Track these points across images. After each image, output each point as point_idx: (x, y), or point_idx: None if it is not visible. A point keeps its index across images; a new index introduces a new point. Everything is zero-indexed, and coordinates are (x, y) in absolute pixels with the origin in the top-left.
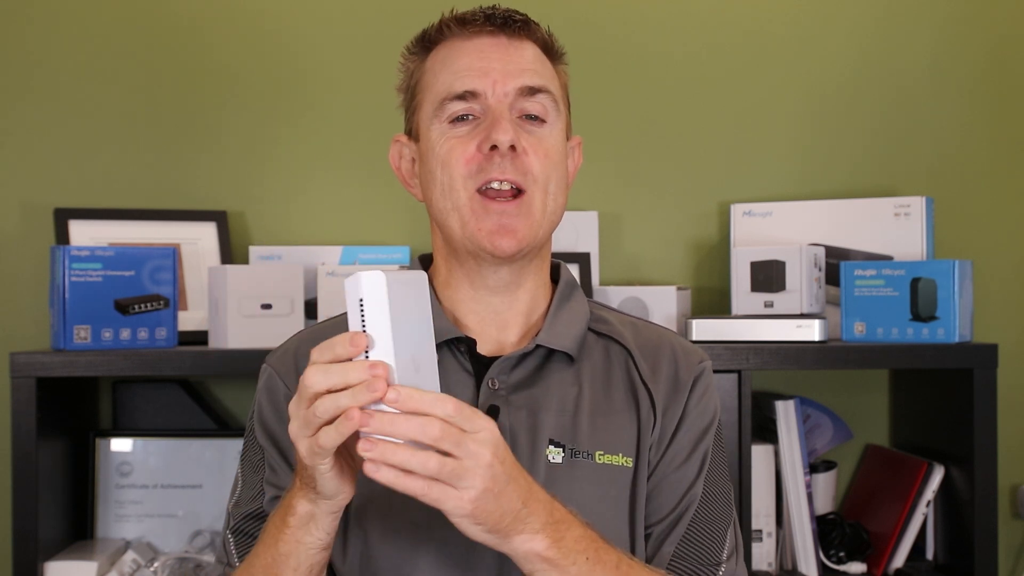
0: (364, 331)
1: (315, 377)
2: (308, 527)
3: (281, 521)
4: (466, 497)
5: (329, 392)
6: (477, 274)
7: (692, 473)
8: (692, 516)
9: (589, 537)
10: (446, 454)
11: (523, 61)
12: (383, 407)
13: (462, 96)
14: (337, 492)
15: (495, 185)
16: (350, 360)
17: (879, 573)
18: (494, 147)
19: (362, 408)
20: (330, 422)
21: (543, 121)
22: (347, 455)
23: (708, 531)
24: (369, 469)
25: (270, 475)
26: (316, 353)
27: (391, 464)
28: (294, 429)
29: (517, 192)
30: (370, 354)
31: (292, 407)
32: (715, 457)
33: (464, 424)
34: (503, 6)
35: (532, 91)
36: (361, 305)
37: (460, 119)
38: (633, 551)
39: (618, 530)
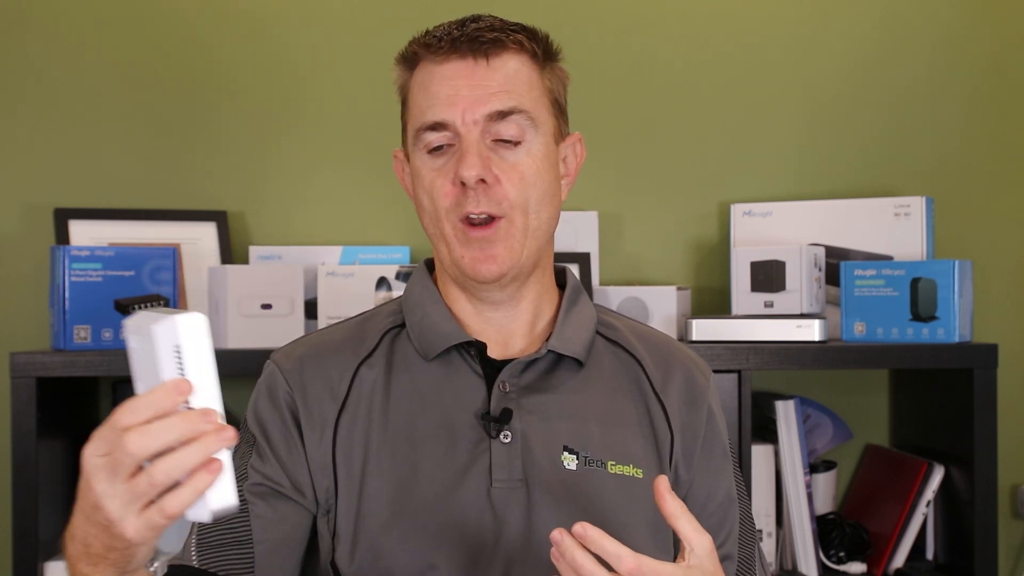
0: (183, 377)
1: (140, 442)
2: None
3: None
4: None
5: (159, 454)
6: (474, 292)
7: (733, 500)
8: (738, 545)
9: None
10: None
11: (492, 84)
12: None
13: (434, 127)
14: (147, 557)
15: (473, 217)
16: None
17: (879, 573)
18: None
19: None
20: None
21: (518, 143)
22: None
23: (744, 555)
24: None
25: (256, 460)
26: (128, 416)
27: None
28: (115, 509)
29: (495, 218)
30: (191, 401)
31: (104, 486)
32: (736, 475)
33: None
34: (479, 20)
35: (503, 114)
36: (178, 351)
37: (437, 149)
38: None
39: (635, 542)
